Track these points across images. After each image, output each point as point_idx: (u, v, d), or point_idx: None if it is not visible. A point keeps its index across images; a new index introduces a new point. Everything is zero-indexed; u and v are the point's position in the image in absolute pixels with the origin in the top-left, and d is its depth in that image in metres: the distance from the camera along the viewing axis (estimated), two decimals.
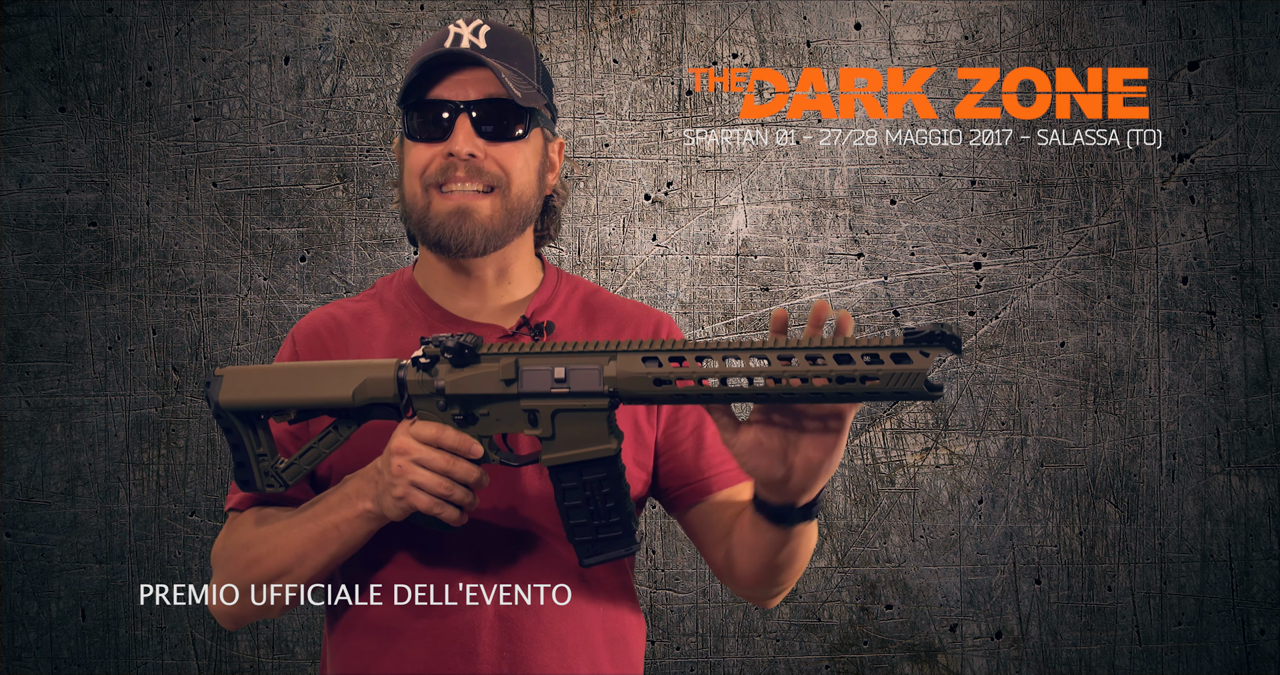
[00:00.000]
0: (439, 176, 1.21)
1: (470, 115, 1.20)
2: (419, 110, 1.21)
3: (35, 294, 2.31)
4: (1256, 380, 2.37)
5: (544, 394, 1.07)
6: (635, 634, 1.28)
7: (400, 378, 1.11)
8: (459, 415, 1.09)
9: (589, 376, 1.05)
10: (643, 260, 2.36)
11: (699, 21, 2.38)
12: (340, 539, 1.14)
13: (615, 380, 1.04)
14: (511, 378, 1.07)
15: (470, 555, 1.19)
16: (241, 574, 1.19)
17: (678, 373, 1.02)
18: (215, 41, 2.35)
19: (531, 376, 1.07)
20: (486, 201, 1.21)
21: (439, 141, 1.21)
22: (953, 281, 2.37)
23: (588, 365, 1.06)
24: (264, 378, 1.15)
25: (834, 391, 0.96)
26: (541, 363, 1.07)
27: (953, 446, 2.35)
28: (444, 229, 1.21)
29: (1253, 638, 2.35)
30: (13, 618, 2.29)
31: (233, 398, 1.14)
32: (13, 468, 2.30)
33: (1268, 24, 2.38)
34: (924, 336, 0.94)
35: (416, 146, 1.22)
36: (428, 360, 1.09)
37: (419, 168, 1.22)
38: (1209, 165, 2.38)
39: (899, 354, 0.95)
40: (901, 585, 2.34)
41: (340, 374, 1.13)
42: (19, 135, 2.32)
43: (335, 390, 1.12)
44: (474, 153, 1.19)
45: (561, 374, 1.06)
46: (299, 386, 1.14)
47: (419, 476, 1.07)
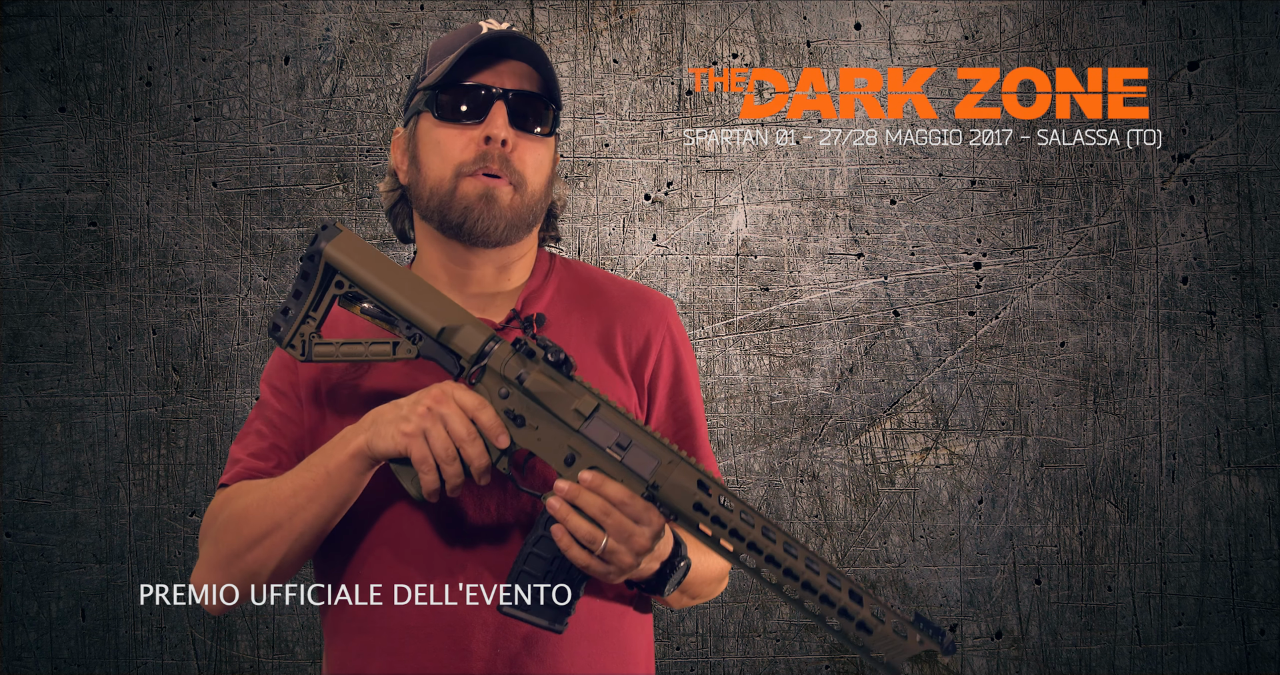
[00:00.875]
0: (476, 163, 1.20)
1: (507, 101, 1.20)
2: (453, 92, 1.21)
3: (35, 294, 2.31)
4: (1256, 380, 2.37)
5: (598, 446, 1.07)
6: (638, 633, 1.27)
7: (487, 348, 1.09)
8: (512, 411, 1.08)
9: (646, 461, 1.06)
10: (643, 260, 2.36)
11: (699, 21, 2.38)
12: (330, 484, 1.12)
13: (665, 479, 1.05)
14: (586, 415, 1.07)
15: (469, 555, 1.19)
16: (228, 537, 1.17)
17: (718, 512, 1.04)
18: (215, 41, 2.35)
19: (600, 427, 1.07)
20: (509, 190, 1.21)
21: (474, 124, 1.20)
22: (953, 281, 2.37)
23: (651, 452, 1.06)
24: (377, 259, 1.12)
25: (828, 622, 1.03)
26: (616, 421, 1.07)
27: (953, 446, 2.35)
28: (470, 212, 1.20)
29: (1253, 638, 2.35)
30: (13, 618, 2.29)
31: (340, 256, 1.11)
32: (13, 468, 2.30)
33: (1268, 24, 2.38)
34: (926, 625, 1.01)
35: (447, 129, 1.21)
36: (528, 349, 1.08)
37: (454, 151, 1.20)
38: (1209, 165, 2.38)
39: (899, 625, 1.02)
40: (901, 585, 2.34)
41: (444, 306, 1.11)
42: (19, 135, 2.32)
43: (431, 315, 1.10)
44: (508, 140, 1.19)
45: (626, 442, 1.06)
46: (403, 289, 1.10)
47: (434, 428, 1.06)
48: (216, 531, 1.19)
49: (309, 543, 1.16)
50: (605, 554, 1.05)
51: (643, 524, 1.06)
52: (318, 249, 1.11)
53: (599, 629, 1.22)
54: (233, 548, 1.17)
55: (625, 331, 1.29)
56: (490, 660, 1.17)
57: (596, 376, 1.24)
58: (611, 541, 1.05)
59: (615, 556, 1.06)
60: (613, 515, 1.05)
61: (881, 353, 2.36)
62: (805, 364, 2.36)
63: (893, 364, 2.36)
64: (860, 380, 2.36)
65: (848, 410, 2.36)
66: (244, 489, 1.20)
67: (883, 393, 2.36)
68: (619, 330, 1.29)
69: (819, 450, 2.35)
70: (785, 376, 2.35)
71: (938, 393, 2.36)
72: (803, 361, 2.36)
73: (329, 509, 1.14)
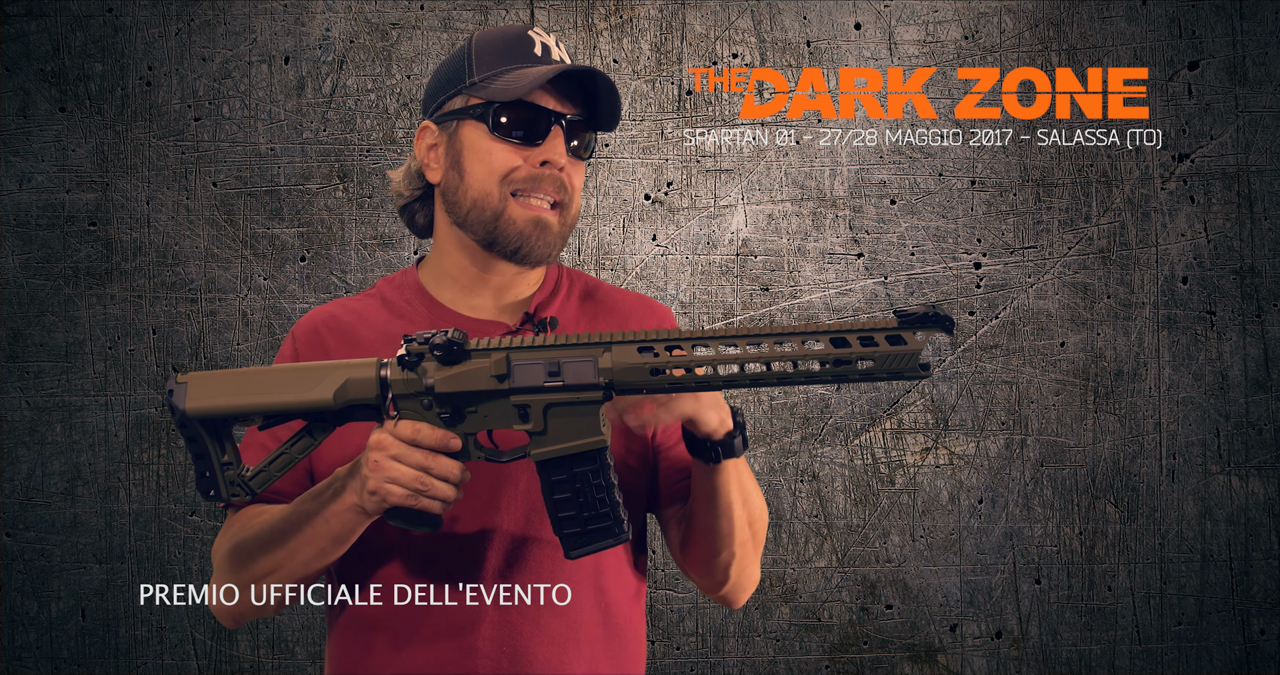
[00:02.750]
0: (528, 183, 1.21)
1: (565, 127, 1.22)
2: (515, 110, 1.22)
3: (35, 294, 2.31)
4: (1256, 380, 2.37)
5: (537, 388, 1.06)
6: (635, 633, 1.27)
7: (382, 377, 1.08)
8: (445, 413, 1.07)
9: (584, 369, 1.05)
10: (643, 260, 2.36)
11: (699, 21, 2.38)
12: (329, 533, 1.13)
13: (611, 372, 1.04)
14: (503, 373, 1.06)
15: (470, 555, 1.19)
16: (236, 571, 1.19)
17: (675, 361, 1.02)
18: (215, 41, 2.35)
19: (524, 371, 1.06)
20: (555, 216, 1.23)
21: (529, 146, 1.22)
22: (953, 281, 2.37)
23: (583, 357, 1.05)
24: (232, 382, 1.10)
25: (829, 374, 0.99)
26: (534, 357, 1.06)
27: (953, 446, 2.35)
28: (525, 238, 1.22)
29: (1253, 638, 2.35)
30: (13, 618, 2.29)
31: (200, 405, 1.09)
32: (13, 468, 2.30)
33: (1268, 24, 2.38)
34: (917, 318, 0.95)
35: (501, 145, 1.22)
36: (413, 358, 1.07)
37: (504, 168, 1.21)
38: (1209, 165, 2.38)
39: (894, 336, 0.97)
40: (901, 585, 2.34)
41: (317, 375, 1.09)
42: (19, 135, 2.32)
43: (314, 393, 1.08)
44: (564, 166, 1.22)
45: (555, 367, 1.05)
46: (273, 390, 1.09)
47: (393, 471, 1.06)
48: (222, 560, 1.21)
49: (312, 574, 1.18)
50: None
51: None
52: (182, 413, 1.09)
53: (601, 631, 1.23)
54: (239, 579, 1.19)
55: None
56: (495, 659, 1.18)
57: None
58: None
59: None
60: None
61: None
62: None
63: None
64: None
65: (848, 410, 2.36)
66: (248, 516, 1.21)
67: (883, 393, 2.36)
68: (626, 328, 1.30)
69: (819, 450, 2.35)
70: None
71: (938, 393, 2.36)
72: None
73: (328, 551, 1.15)
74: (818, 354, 0.97)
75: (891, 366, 0.97)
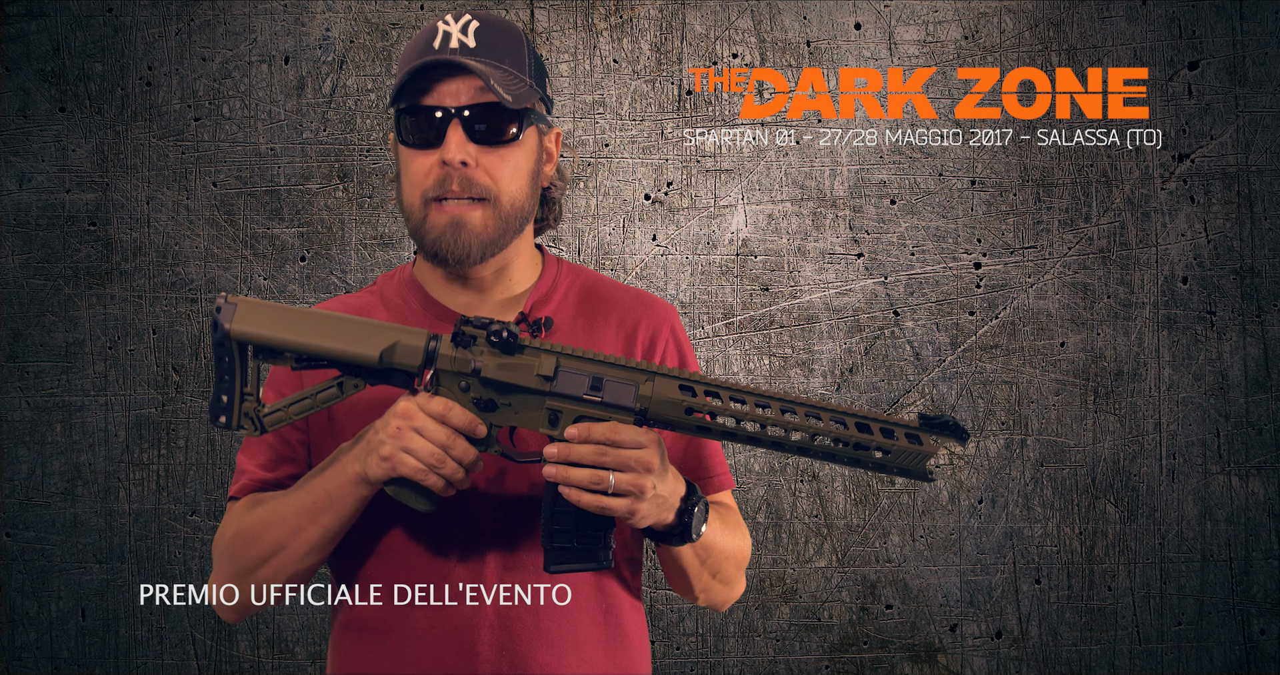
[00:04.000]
0: (436, 189, 1.19)
1: (462, 119, 1.18)
2: (411, 115, 1.20)
3: (35, 294, 2.31)
4: (1256, 380, 2.37)
5: (576, 398, 1.07)
6: (637, 632, 1.27)
7: (430, 349, 1.08)
8: (479, 398, 1.08)
9: (624, 391, 1.07)
10: (643, 260, 2.36)
11: (699, 21, 2.38)
12: (332, 507, 1.13)
13: (648, 401, 1.06)
14: (550, 375, 1.07)
15: (470, 555, 1.19)
16: (238, 556, 1.18)
17: (711, 407, 1.05)
18: (215, 41, 2.35)
19: (568, 379, 1.07)
20: (478, 212, 1.20)
21: (432, 148, 1.19)
22: (953, 281, 2.37)
23: (625, 380, 1.07)
24: (283, 316, 1.09)
25: (845, 455, 1.04)
26: (582, 367, 1.08)
27: (953, 446, 2.35)
28: (440, 242, 1.20)
29: (1253, 638, 2.35)
30: (13, 618, 2.29)
31: (246, 329, 1.07)
32: (13, 468, 2.30)
33: (1268, 24, 2.38)
34: (938, 424, 1.02)
35: (411, 153, 1.21)
36: (467, 338, 1.08)
37: (418, 177, 1.20)
38: (1209, 165, 2.38)
39: (913, 434, 1.03)
40: (901, 585, 2.34)
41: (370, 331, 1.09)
42: (19, 135, 2.32)
43: (361, 347, 1.07)
44: (466, 160, 1.18)
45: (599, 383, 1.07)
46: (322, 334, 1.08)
47: (413, 442, 1.06)
48: (226, 548, 1.21)
49: (315, 559, 1.18)
50: (619, 488, 1.05)
51: (643, 446, 1.06)
52: (225, 332, 1.08)
53: (601, 630, 1.23)
54: (242, 566, 1.18)
55: (631, 333, 1.29)
56: (495, 661, 1.18)
57: None
58: (618, 475, 1.05)
59: (630, 486, 1.06)
60: (609, 454, 1.05)
61: (881, 353, 2.36)
62: (805, 364, 2.36)
63: (893, 364, 2.36)
64: (860, 380, 2.36)
65: None
66: (251, 503, 1.21)
67: (883, 393, 2.36)
68: (625, 332, 1.29)
69: None
70: (785, 376, 2.35)
71: (938, 393, 2.36)
72: (803, 361, 2.36)
73: (331, 529, 1.15)
74: (841, 434, 1.02)
75: (903, 463, 1.03)
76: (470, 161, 1.18)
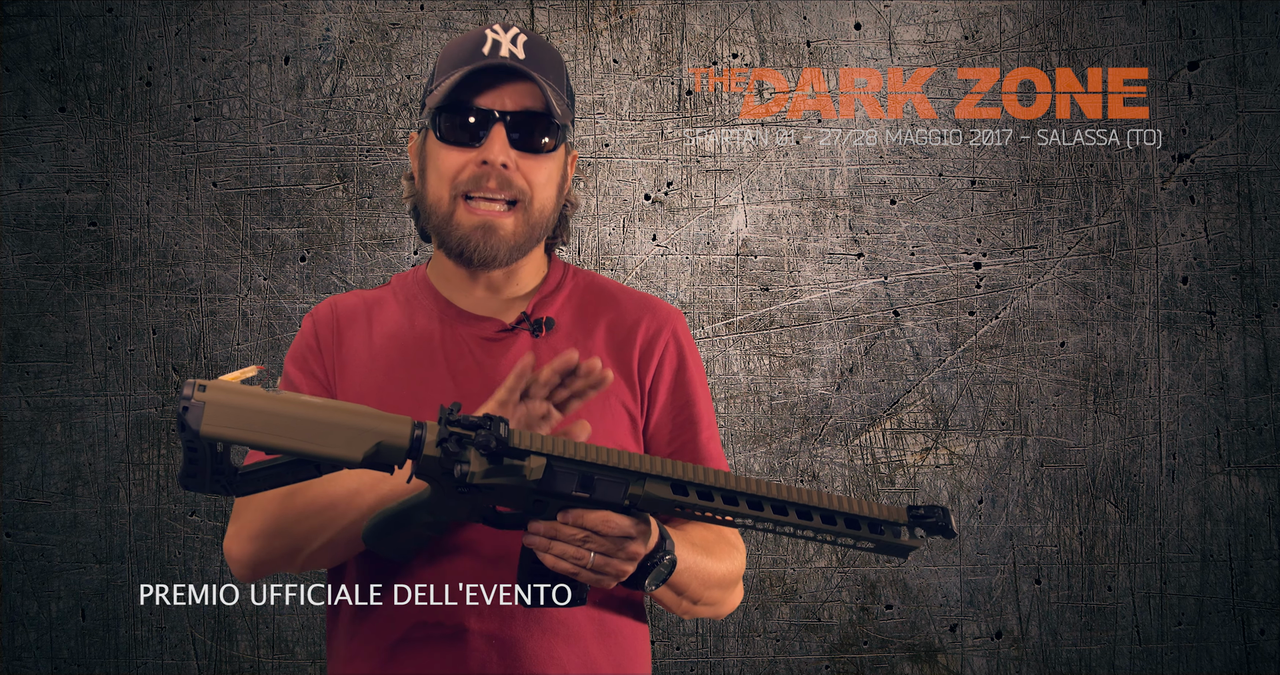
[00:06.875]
0: (470, 184, 1.23)
1: (506, 123, 1.22)
2: (454, 113, 1.23)
3: (35, 294, 2.31)
4: (1256, 380, 2.37)
5: (564, 496, 1.05)
6: (634, 629, 1.28)
7: (417, 436, 1.03)
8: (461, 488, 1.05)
9: (614, 490, 1.05)
10: (643, 260, 2.36)
11: (699, 21, 2.38)
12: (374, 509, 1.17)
13: (639, 498, 1.05)
14: (539, 477, 1.04)
15: (470, 556, 1.19)
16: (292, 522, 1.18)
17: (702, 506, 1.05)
18: (215, 41, 2.35)
19: (558, 477, 1.05)
20: (510, 217, 1.24)
21: (471, 148, 1.23)
22: (953, 281, 2.37)
23: (616, 481, 1.05)
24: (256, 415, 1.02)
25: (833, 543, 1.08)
26: (572, 469, 1.05)
27: (953, 446, 2.35)
28: (468, 242, 1.24)
29: (1253, 638, 2.35)
30: (13, 618, 2.29)
31: (217, 431, 1.01)
32: (13, 468, 2.30)
33: (1268, 24, 2.38)
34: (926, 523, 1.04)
35: (447, 150, 1.24)
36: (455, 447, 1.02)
37: (451, 172, 1.23)
38: (1209, 165, 2.38)
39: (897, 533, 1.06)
40: (901, 585, 2.34)
41: (351, 432, 1.03)
42: (19, 135, 2.32)
43: (342, 450, 1.03)
44: (507, 163, 1.22)
45: (589, 482, 1.05)
46: (299, 436, 1.02)
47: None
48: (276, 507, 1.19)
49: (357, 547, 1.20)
50: (595, 567, 1.05)
51: (632, 539, 1.05)
52: (194, 434, 1.00)
53: (598, 630, 1.23)
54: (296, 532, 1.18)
55: (631, 337, 1.30)
56: (492, 661, 1.18)
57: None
58: (599, 557, 1.05)
59: (607, 568, 1.06)
60: (594, 540, 1.04)
61: (881, 353, 2.36)
62: (805, 364, 2.36)
63: (893, 364, 2.36)
64: (860, 380, 2.36)
65: (848, 410, 2.36)
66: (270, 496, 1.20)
67: (883, 393, 2.36)
68: (627, 336, 1.30)
69: (819, 450, 2.35)
70: (785, 376, 2.35)
71: (938, 393, 2.36)
72: (803, 361, 2.36)
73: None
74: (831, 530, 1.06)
75: (888, 551, 1.08)
76: (511, 164, 1.22)
